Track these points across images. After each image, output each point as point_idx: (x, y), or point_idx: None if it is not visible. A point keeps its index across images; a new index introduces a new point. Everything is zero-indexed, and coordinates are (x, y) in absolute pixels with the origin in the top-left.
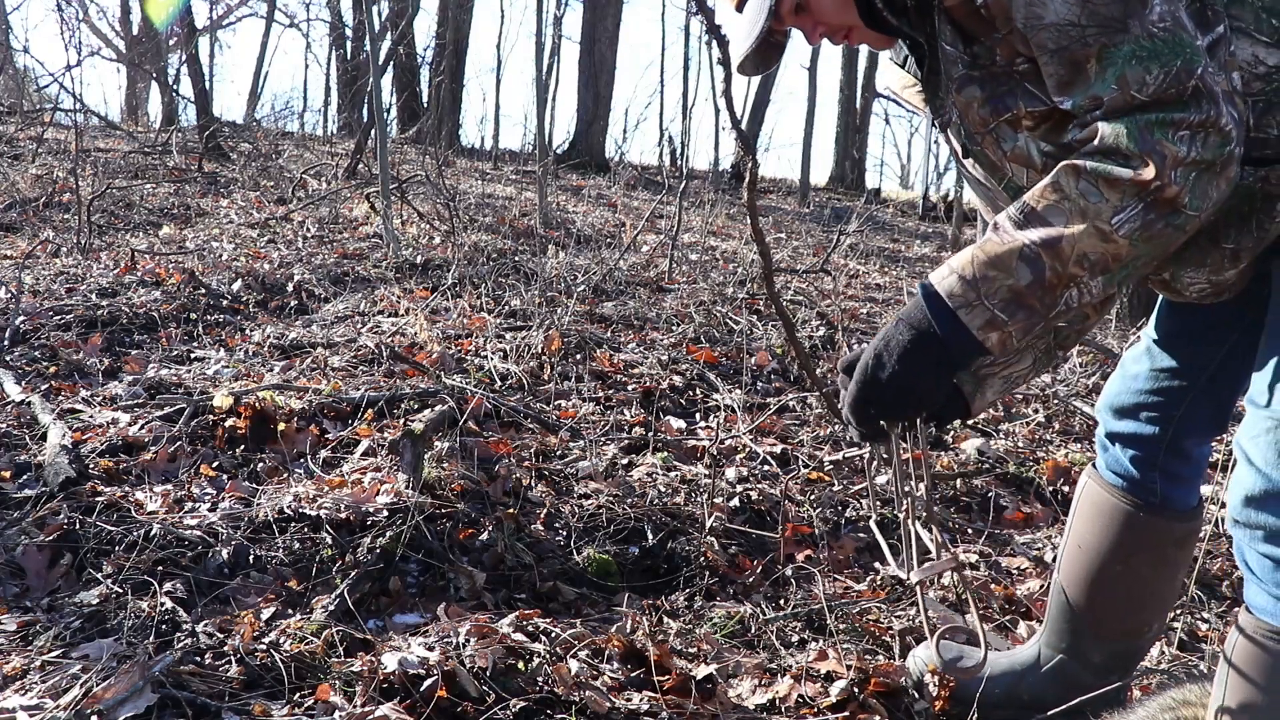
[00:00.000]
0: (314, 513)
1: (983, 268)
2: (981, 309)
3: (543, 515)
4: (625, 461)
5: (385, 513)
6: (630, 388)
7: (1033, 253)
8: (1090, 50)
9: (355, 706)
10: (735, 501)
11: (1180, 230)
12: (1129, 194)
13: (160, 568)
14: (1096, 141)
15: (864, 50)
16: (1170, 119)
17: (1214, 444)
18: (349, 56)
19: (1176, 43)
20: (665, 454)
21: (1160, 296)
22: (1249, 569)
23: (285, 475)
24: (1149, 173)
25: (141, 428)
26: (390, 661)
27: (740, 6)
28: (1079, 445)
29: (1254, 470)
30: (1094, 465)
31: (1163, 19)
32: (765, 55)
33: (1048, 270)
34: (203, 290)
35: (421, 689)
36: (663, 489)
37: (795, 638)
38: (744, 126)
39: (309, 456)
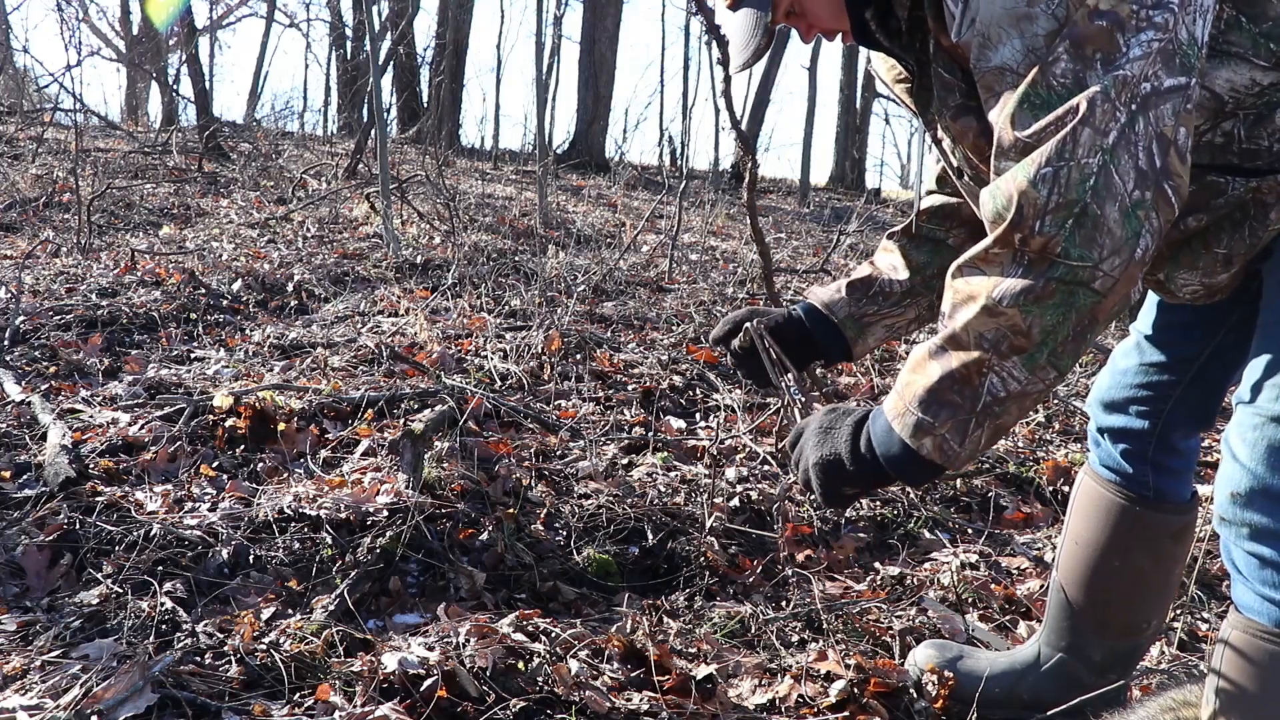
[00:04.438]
0: (314, 513)
1: (906, 374)
2: (909, 415)
3: (543, 515)
4: (625, 461)
5: (385, 513)
6: (630, 388)
7: (938, 348)
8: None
9: (355, 706)
10: (735, 501)
11: (1077, 287)
12: (1004, 260)
13: (160, 568)
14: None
15: (864, 50)
16: (1031, 158)
17: (1211, 441)
18: (349, 56)
19: (1067, 95)
20: (665, 454)
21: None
22: (1235, 568)
23: (285, 475)
24: (1007, 225)
25: (141, 428)
26: (390, 661)
27: (734, 6)
28: (1079, 445)
29: (1240, 467)
30: (1088, 463)
31: (1064, 75)
32: (759, 45)
33: (954, 361)
34: (203, 290)
35: (421, 689)
36: (663, 489)
37: (795, 638)
38: (744, 126)
39: (309, 456)
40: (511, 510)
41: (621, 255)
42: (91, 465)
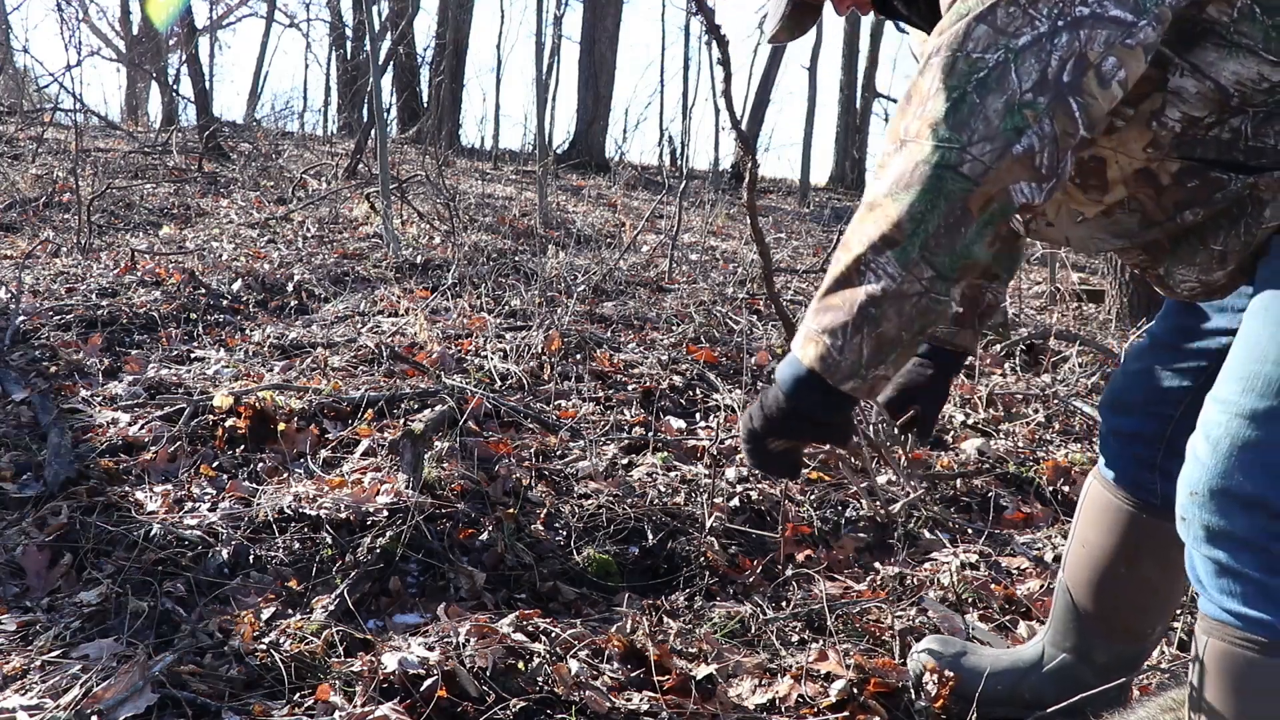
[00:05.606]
0: (314, 513)
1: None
2: (801, 331)
3: (543, 515)
4: (625, 461)
5: (385, 513)
6: (630, 388)
7: (833, 259)
8: None
9: (355, 706)
10: (735, 501)
11: (944, 170)
12: (890, 154)
13: (160, 568)
14: None
15: (864, 50)
16: (925, 52)
17: None
18: (349, 56)
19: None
20: (665, 454)
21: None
22: (1197, 578)
23: (285, 475)
24: (894, 117)
25: (141, 428)
26: (390, 661)
27: None
28: (1079, 445)
29: (1200, 464)
30: (1097, 466)
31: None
32: (800, 19)
33: (839, 265)
34: (203, 290)
35: (421, 689)
36: (663, 489)
37: (795, 638)
38: (744, 126)
39: (309, 456)
40: (511, 510)
41: (621, 255)
42: (91, 465)
